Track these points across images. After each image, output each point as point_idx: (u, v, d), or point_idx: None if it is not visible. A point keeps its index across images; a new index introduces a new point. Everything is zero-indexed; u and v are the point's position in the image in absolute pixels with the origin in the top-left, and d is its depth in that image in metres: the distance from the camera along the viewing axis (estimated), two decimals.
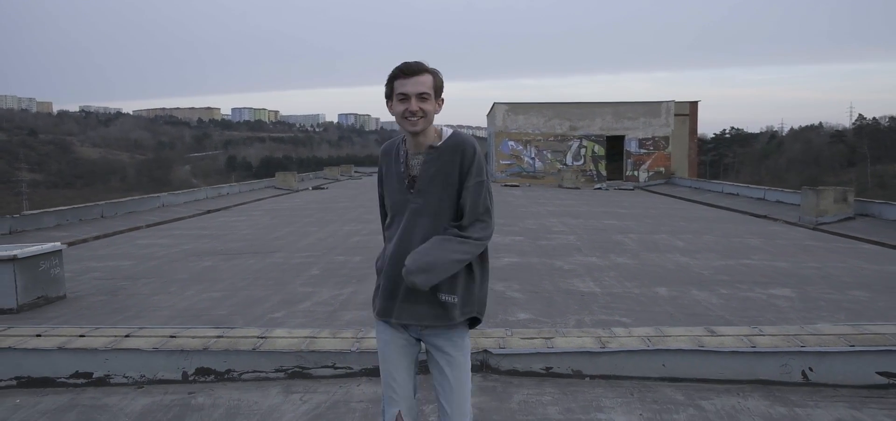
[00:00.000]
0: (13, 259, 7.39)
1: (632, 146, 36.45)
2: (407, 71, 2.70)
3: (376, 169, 3.06)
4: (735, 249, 12.20)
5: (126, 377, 4.88)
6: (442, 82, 2.78)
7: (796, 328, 5.28)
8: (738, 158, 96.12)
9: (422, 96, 2.70)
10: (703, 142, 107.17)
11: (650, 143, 36.26)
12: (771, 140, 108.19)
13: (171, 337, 5.14)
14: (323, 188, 34.27)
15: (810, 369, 4.71)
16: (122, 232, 16.52)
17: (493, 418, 4.15)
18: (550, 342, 4.95)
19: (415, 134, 2.75)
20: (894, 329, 5.12)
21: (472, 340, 5.35)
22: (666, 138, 36.16)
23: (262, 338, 5.12)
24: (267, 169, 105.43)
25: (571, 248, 12.14)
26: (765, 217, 18.99)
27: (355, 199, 26.42)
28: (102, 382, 4.88)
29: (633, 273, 9.59)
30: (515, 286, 8.60)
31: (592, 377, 4.76)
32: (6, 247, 7.79)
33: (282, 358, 4.87)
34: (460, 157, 2.74)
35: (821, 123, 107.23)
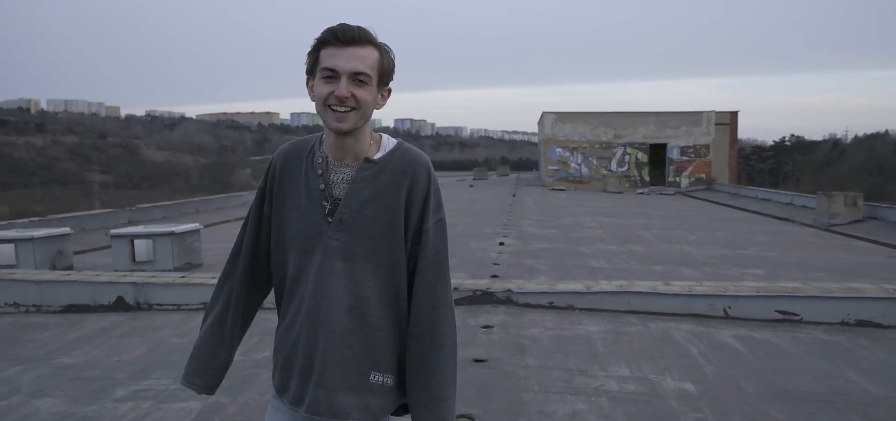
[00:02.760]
0: (171, 234, 10.13)
1: (674, 153, 38.36)
2: (341, 36, 1.84)
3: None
4: (738, 243, 14.33)
5: (272, 304, 7.45)
6: (392, 65, 1.94)
7: (726, 283, 7.59)
8: (798, 166, 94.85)
9: (358, 78, 1.84)
10: (761, 149, 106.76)
11: (691, 150, 38.12)
12: (833, 148, 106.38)
13: None
14: None
15: (729, 307, 7.00)
16: (216, 224, 19.42)
17: (512, 326, 6.57)
18: (553, 286, 7.37)
19: (341, 134, 1.89)
20: (794, 284, 7.38)
21: (500, 282, 7.79)
22: (707, 146, 37.99)
23: None
24: None
25: (596, 239, 14.46)
26: (786, 219, 20.88)
27: None
28: None
29: (640, 256, 11.89)
30: (541, 262, 10.99)
31: (580, 309, 7.13)
32: (166, 225, 10.55)
33: None
34: (410, 181, 1.94)
35: (887, 131, 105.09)
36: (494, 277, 9.11)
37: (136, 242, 10.12)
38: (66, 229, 11.15)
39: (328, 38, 1.84)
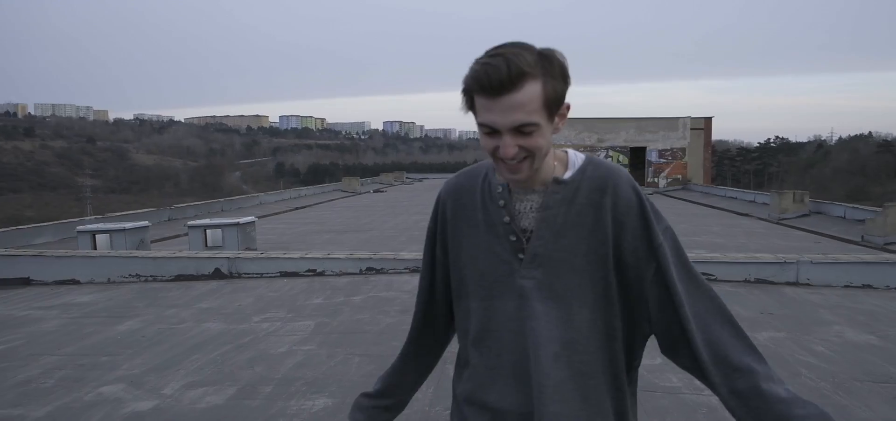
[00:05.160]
0: (237, 224, 12.76)
1: (652, 156, 41.34)
2: (488, 86, 1.38)
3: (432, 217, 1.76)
4: (694, 233, 17.05)
5: (332, 271, 10.09)
6: (561, 77, 1.44)
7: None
8: (782, 168, 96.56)
9: (523, 130, 1.42)
10: (747, 151, 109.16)
11: (669, 153, 41.13)
12: (818, 149, 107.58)
13: (351, 254, 10.36)
14: (382, 191, 39.75)
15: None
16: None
17: None
18: None
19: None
20: (714, 254, 10.08)
21: None
22: (683, 149, 41.00)
23: (396, 258, 10.30)
24: (314, 175, 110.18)
25: None
26: (745, 214, 23.66)
27: (412, 199, 31.72)
28: (321, 273, 10.10)
29: None
30: None
31: None
32: (231, 218, 13.18)
33: (407, 262, 10.03)
34: (612, 199, 1.54)
35: (870, 133, 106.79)
36: None
37: (208, 231, 12.74)
38: (147, 223, 13.77)
39: (474, 87, 1.41)
